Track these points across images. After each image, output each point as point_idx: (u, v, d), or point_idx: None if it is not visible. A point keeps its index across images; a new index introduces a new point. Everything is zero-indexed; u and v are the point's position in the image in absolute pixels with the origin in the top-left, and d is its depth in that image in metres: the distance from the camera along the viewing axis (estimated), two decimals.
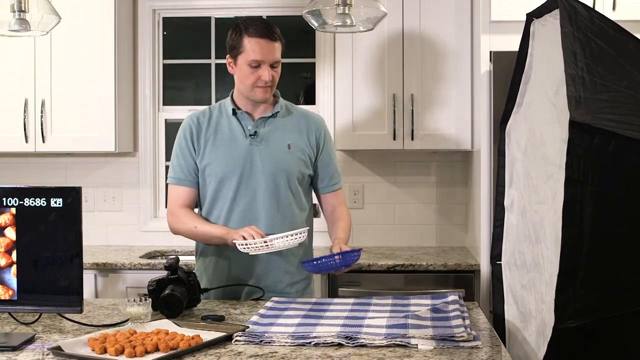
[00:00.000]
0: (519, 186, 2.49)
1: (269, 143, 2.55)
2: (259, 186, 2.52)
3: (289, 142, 2.57)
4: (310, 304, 2.35)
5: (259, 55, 2.47)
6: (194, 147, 2.56)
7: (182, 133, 2.60)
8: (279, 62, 2.53)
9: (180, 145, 2.59)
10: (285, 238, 2.36)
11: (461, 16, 3.72)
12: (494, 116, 3.23)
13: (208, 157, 2.55)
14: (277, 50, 2.51)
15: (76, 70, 3.83)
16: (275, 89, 2.58)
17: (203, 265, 2.62)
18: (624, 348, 2.02)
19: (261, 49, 2.47)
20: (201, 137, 2.57)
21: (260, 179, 2.52)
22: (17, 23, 2.37)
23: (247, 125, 2.56)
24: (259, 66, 2.48)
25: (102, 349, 1.80)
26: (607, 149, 1.84)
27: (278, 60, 2.52)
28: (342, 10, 2.43)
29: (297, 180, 2.56)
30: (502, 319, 2.57)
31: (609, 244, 1.88)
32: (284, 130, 2.58)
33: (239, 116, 2.57)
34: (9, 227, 2.04)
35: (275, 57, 2.50)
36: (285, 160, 2.55)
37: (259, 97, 2.53)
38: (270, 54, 2.48)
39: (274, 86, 2.56)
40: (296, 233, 2.37)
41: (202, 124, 2.58)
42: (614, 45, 2.05)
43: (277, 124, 2.59)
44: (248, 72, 2.50)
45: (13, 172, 4.17)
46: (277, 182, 2.53)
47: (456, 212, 4.07)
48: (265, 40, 2.47)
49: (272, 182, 2.52)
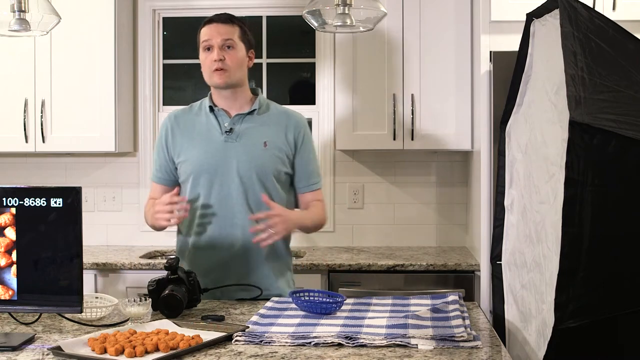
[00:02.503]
0: (519, 186, 2.49)
1: (244, 140, 2.55)
2: (233, 183, 2.53)
3: (265, 140, 2.57)
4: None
5: (207, 35, 2.53)
6: (170, 145, 2.60)
7: (160, 132, 2.66)
8: (234, 45, 2.54)
9: (157, 144, 2.66)
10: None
11: (461, 16, 3.72)
12: (494, 116, 3.23)
13: (184, 153, 2.57)
14: (227, 31, 2.53)
15: (76, 70, 3.83)
16: (234, 74, 2.55)
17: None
18: (624, 348, 2.02)
19: (210, 30, 2.54)
20: (177, 134, 2.60)
21: (234, 176, 2.53)
22: (17, 23, 2.37)
23: (224, 122, 2.57)
24: (210, 49, 2.53)
25: (102, 349, 1.80)
26: (607, 149, 1.84)
27: (230, 40, 2.53)
28: (342, 10, 2.42)
29: (274, 178, 2.56)
30: (502, 319, 2.57)
31: (609, 244, 1.88)
32: (261, 128, 2.59)
33: (216, 113, 2.59)
34: (9, 227, 2.04)
35: (224, 36, 2.52)
36: (260, 158, 2.54)
37: (216, 81, 2.54)
38: (218, 33, 2.52)
39: (231, 71, 2.54)
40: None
41: (180, 122, 2.62)
42: (614, 45, 2.05)
43: (254, 121, 2.59)
44: (203, 57, 2.56)
45: (13, 172, 4.18)
46: (252, 179, 2.52)
47: (456, 212, 4.07)
48: (215, 23, 2.54)
49: (247, 178, 2.52)
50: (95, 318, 2.19)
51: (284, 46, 4.27)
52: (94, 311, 2.19)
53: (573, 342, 1.92)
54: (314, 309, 2.20)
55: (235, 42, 2.54)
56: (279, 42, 4.24)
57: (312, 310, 2.21)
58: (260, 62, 4.20)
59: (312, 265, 3.50)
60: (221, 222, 2.53)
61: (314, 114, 4.13)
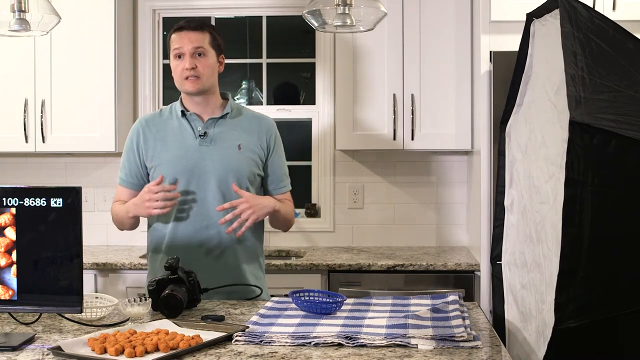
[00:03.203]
0: (519, 186, 2.49)
1: (219, 144, 2.56)
2: (209, 186, 2.52)
3: (239, 143, 2.57)
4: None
5: (178, 43, 2.53)
6: (140, 151, 2.59)
7: (129, 136, 2.64)
8: (205, 53, 2.54)
9: (126, 148, 2.64)
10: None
11: (461, 16, 3.72)
12: (494, 116, 3.23)
13: (157, 158, 2.56)
14: (197, 38, 2.53)
15: (76, 70, 3.83)
16: (206, 81, 2.55)
17: (153, 265, 2.62)
18: (624, 348, 2.02)
19: (180, 38, 2.54)
20: (149, 139, 2.59)
21: (210, 179, 2.53)
22: (17, 23, 2.37)
23: (197, 127, 2.58)
24: (181, 57, 2.53)
25: (102, 349, 1.80)
26: (607, 149, 1.84)
27: (201, 48, 2.53)
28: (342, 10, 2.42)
29: (249, 181, 2.56)
30: (502, 319, 2.57)
31: (609, 244, 1.88)
32: (234, 131, 2.59)
33: (189, 117, 2.59)
34: (9, 227, 2.04)
35: (195, 44, 2.52)
36: (236, 161, 2.55)
37: (188, 88, 2.55)
38: (189, 41, 2.52)
39: (204, 78, 2.54)
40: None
41: (151, 126, 2.61)
42: (614, 45, 2.05)
43: (227, 125, 2.60)
44: (174, 64, 2.56)
45: (13, 172, 4.17)
46: (228, 182, 2.52)
47: (456, 212, 4.07)
48: (185, 31, 2.54)
49: (224, 182, 2.52)
50: (95, 318, 2.19)
51: (284, 46, 4.27)
52: (94, 311, 2.19)
53: (573, 342, 1.92)
54: (314, 309, 2.20)
55: (206, 49, 2.54)
56: (279, 42, 4.24)
57: (312, 310, 2.21)
58: (260, 62, 4.20)
59: (312, 265, 3.50)
60: (197, 224, 2.53)
61: (313, 114, 4.13)
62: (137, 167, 2.61)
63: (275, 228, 2.74)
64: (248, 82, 4.36)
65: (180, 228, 2.54)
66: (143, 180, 2.61)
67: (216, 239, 2.53)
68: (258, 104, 4.21)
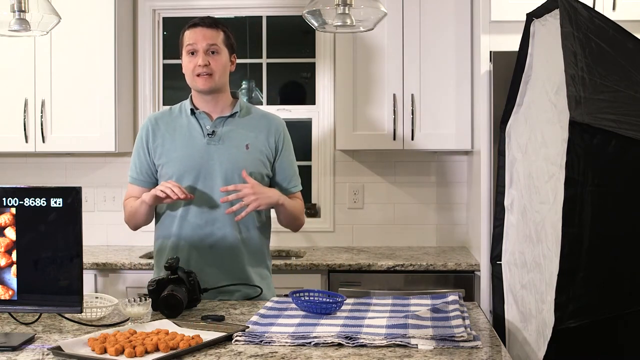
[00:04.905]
0: (519, 186, 2.49)
1: (226, 142, 2.56)
2: (216, 185, 2.52)
3: (247, 142, 2.57)
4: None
5: (192, 39, 2.53)
6: (150, 148, 2.60)
7: (139, 134, 2.65)
8: (218, 51, 2.54)
9: (136, 146, 2.64)
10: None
11: (461, 16, 3.72)
12: (494, 116, 3.23)
13: (165, 156, 2.57)
14: (212, 35, 2.53)
15: (76, 70, 3.83)
16: (218, 79, 2.55)
17: (158, 264, 2.62)
18: (624, 348, 2.02)
19: (194, 34, 2.54)
20: (158, 136, 2.59)
21: (217, 178, 2.52)
22: (17, 23, 2.37)
23: (206, 125, 2.58)
24: (194, 54, 2.53)
25: (102, 349, 1.80)
26: (607, 149, 1.84)
27: (215, 45, 2.53)
28: (342, 10, 2.42)
29: (256, 180, 2.55)
30: (502, 319, 2.57)
31: (609, 244, 1.88)
32: (243, 130, 2.59)
33: (198, 116, 2.59)
34: (9, 227, 2.04)
35: (209, 41, 2.52)
36: (243, 160, 2.54)
37: (199, 86, 2.54)
38: (204, 38, 2.52)
39: (216, 75, 2.54)
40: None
41: (161, 124, 2.61)
42: (614, 45, 2.05)
43: (236, 124, 2.59)
44: (187, 61, 2.56)
45: (13, 172, 4.17)
46: (234, 181, 2.51)
47: (456, 212, 4.07)
48: (200, 28, 2.54)
49: (230, 181, 2.51)
50: (95, 318, 2.19)
51: (284, 46, 4.27)
52: (94, 311, 2.19)
53: (573, 342, 1.92)
54: (314, 309, 2.20)
55: (220, 47, 2.54)
56: (279, 42, 4.24)
57: (312, 310, 2.21)
58: (260, 62, 4.20)
59: (312, 265, 3.50)
60: (203, 222, 2.53)
61: (314, 114, 4.13)
62: (147, 164, 2.61)
63: (284, 227, 2.71)
64: (248, 82, 4.36)
65: (186, 226, 2.54)
66: (153, 178, 2.61)
67: (222, 237, 2.53)
68: (258, 104, 4.21)
